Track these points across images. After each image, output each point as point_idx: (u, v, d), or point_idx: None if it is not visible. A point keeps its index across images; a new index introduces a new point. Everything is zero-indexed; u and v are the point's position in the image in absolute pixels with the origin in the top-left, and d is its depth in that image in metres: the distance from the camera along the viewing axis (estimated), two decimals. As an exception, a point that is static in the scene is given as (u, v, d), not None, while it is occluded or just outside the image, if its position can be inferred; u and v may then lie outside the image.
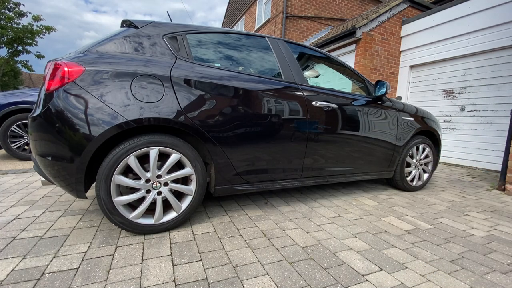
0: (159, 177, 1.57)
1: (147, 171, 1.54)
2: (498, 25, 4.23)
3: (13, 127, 3.47)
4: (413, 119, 2.70)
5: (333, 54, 6.41)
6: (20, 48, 15.96)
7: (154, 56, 1.64)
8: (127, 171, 1.55)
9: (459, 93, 4.87)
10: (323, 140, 2.13)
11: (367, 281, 1.25)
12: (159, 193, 1.59)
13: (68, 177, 1.43)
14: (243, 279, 1.21)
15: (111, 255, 1.36)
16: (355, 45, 5.91)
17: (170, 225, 1.64)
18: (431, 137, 2.99)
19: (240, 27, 13.43)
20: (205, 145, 1.68)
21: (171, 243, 1.51)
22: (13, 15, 14.87)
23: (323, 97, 2.12)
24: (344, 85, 5.39)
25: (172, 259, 1.35)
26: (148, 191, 1.56)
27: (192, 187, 1.68)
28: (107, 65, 1.47)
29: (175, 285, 1.15)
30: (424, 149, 2.86)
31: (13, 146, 3.53)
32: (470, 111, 4.71)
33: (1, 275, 1.17)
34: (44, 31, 16.03)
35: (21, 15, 15.23)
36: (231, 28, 13.74)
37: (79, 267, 1.25)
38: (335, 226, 1.86)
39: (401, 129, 2.61)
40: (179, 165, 1.67)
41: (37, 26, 15.72)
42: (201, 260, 1.35)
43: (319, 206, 2.25)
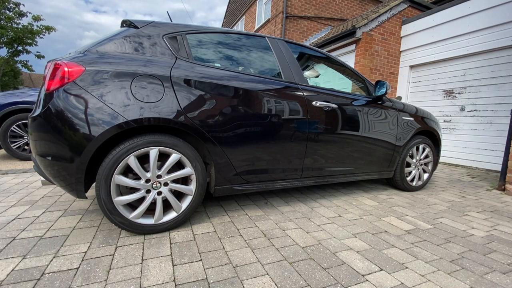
0: (159, 177, 1.57)
1: (147, 171, 1.54)
2: (498, 25, 4.24)
3: (13, 127, 3.47)
4: (413, 119, 2.70)
5: (333, 54, 6.41)
6: (20, 48, 15.98)
7: (154, 56, 1.64)
8: (127, 171, 1.55)
9: (459, 93, 4.87)
10: (323, 140, 2.13)
11: (367, 281, 1.25)
12: (159, 193, 1.59)
13: (68, 177, 1.43)
14: (243, 279, 1.21)
15: (111, 255, 1.36)
16: (355, 45, 5.92)
17: (170, 225, 1.64)
18: (431, 137, 2.99)
19: (240, 27, 13.43)
20: (205, 145, 1.68)
21: (171, 243, 1.51)
22: (13, 15, 14.88)
23: (323, 97, 2.12)
24: (344, 85, 5.39)
25: (172, 259, 1.35)
26: (148, 191, 1.56)
27: (192, 187, 1.68)
28: (107, 65, 1.47)
29: (175, 285, 1.15)
30: (424, 149, 2.86)
31: (13, 146, 3.53)
32: (470, 111, 4.71)
33: (1, 275, 1.17)
34: (44, 31, 16.05)
35: (21, 15, 15.24)
36: (231, 28, 13.74)
37: (79, 267, 1.25)
38: (335, 226, 1.86)
39: (401, 129, 2.61)
40: (179, 165, 1.67)
41: (37, 26, 15.76)
42: (201, 260, 1.35)
43: (319, 206, 2.25)
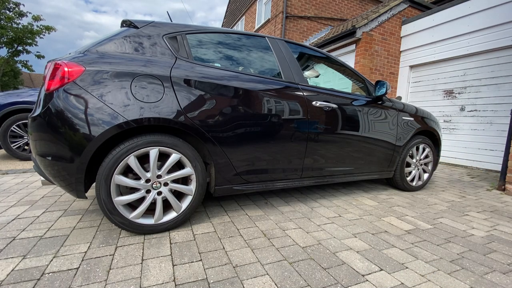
0: (159, 177, 1.57)
1: (147, 171, 1.54)
2: (498, 25, 4.24)
3: (13, 127, 3.47)
4: (413, 119, 2.70)
5: (333, 54, 6.41)
6: (20, 48, 15.97)
7: (154, 56, 1.64)
8: (127, 171, 1.55)
9: (459, 93, 4.87)
10: (323, 140, 2.13)
11: (367, 281, 1.25)
12: (159, 193, 1.59)
13: (68, 177, 1.43)
14: (243, 279, 1.21)
15: (111, 255, 1.36)
16: (355, 45, 5.92)
17: (170, 225, 1.64)
18: (431, 137, 2.99)
19: (240, 27, 13.43)
20: (205, 145, 1.68)
21: (171, 243, 1.51)
22: (13, 15, 14.87)
23: (323, 97, 2.12)
24: (344, 85, 5.39)
25: (172, 259, 1.35)
26: (148, 191, 1.56)
27: (192, 187, 1.68)
28: (107, 65, 1.47)
29: (175, 285, 1.15)
30: (424, 149, 2.86)
31: (13, 146, 3.53)
32: (470, 111, 4.71)
33: (1, 275, 1.17)
34: (44, 31, 16.04)
35: (21, 15, 15.23)
36: (231, 28, 13.74)
37: (79, 267, 1.25)
38: (335, 226, 1.86)
39: (401, 129, 2.61)
40: (179, 165, 1.67)
41: (37, 26, 15.75)
42: (201, 260, 1.35)
43: (319, 206, 2.25)
